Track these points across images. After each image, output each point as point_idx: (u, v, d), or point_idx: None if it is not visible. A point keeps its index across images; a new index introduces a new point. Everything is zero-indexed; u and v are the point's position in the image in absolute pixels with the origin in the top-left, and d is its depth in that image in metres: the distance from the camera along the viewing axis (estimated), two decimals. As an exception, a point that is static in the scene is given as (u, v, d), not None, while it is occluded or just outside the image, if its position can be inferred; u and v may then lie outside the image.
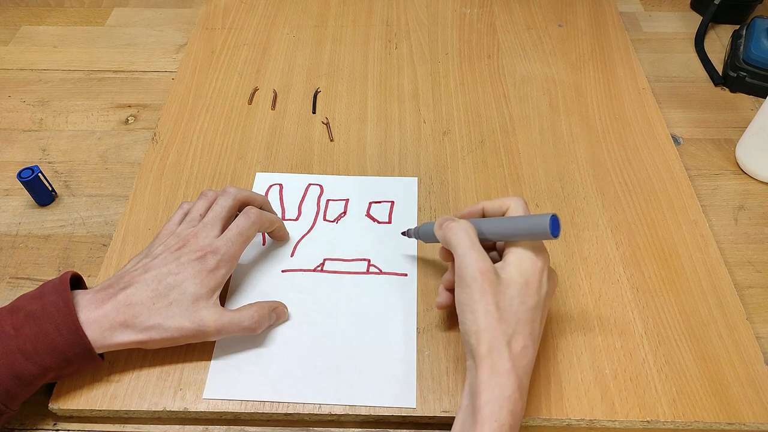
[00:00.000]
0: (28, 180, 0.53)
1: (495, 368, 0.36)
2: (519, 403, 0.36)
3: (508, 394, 0.36)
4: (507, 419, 0.35)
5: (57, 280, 0.41)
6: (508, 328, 0.37)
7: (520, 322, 0.38)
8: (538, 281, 0.39)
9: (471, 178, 0.57)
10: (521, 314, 0.38)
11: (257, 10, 0.77)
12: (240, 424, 0.43)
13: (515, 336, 0.37)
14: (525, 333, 0.38)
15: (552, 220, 0.37)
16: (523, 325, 0.38)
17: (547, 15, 0.76)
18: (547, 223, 0.37)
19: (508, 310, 0.38)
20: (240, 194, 0.47)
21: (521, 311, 0.38)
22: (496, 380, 0.36)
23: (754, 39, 0.66)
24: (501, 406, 0.35)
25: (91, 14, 0.78)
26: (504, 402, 0.35)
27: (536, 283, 0.39)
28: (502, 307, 0.38)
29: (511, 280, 0.38)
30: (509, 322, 0.37)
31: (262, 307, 0.44)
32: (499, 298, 0.38)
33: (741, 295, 0.49)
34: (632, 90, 0.66)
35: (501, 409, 0.35)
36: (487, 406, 0.35)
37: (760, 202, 0.57)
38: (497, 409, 0.35)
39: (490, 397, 0.35)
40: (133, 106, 0.66)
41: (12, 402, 0.38)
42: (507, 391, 0.36)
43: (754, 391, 0.43)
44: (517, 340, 0.37)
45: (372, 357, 0.44)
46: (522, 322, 0.38)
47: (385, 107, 0.64)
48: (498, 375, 0.36)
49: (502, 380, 0.36)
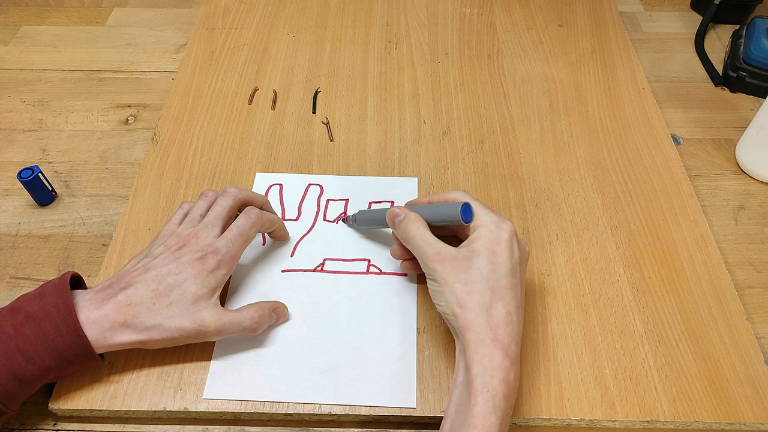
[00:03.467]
0: (28, 180, 0.53)
1: (478, 339, 0.37)
2: (511, 371, 0.36)
3: (497, 363, 0.36)
4: (500, 387, 0.36)
5: (57, 280, 0.41)
6: (482, 299, 0.38)
7: (496, 290, 0.38)
8: (506, 249, 0.40)
9: (471, 178, 0.57)
10: (494, 282, 0.39)
11: (257, 10, 0.77)
12: (240, 424, 0.43)
13: (494, 305, 0.38)
14: (505, 299, 0.38)
15: (463, 209, 0.42)
16: (501, 293, 0.39)
17: (547, 15, 0.76)
18: (458, 211, 0.41)
19: (478, 281, 0.39)
20: (240, 194, 0.47)
21: (493, 279, 0.39)
22: (483, 351, 0.37)
23: (754, 39, 0.66)
24: (492, 376, 0.36)
25: (91, 14, 0.78)
26: (494, 372, 0.36)
27: (505, 251, 0.40)
28: (470, 281, 0.39)
29: (475, 253, 0.40)
30: (483, 293, 0.38)
31: (263, 308, 0.44)
32: (465, 275, 0.39)
33: (741, 295, 0.49)
34: (632, 90, 0.66)
35: (492, 378, 0.36)
36: (478, 378, 0.36)
37: (760, 202, 0.57)
38: (488, 379, 0.36)
39: (479, 369, 0.36)
40: (133, 106, 0.66)
41: (12, 402, 0.38)
42: (495, 360, 0.36)
43: (754, 391, 0.43)
44: (496, 309, 0.38)
45: (372, 357, 0.44)
46: (498, 290, 0.39)
47: (385, 107, 0.64)
48: (483, 346, 0.37)
49: (488, 350, 0.37)
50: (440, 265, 0.40)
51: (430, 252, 0.41)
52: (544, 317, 0.47)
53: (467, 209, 0.42)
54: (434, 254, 0.41)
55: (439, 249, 0.41)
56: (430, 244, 0.41)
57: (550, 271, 0.50)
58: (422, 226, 0.43)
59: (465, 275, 0.39)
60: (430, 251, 0.41)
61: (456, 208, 0.42)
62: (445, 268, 0.40)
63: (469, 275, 0.39)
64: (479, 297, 0.38)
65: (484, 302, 0.38)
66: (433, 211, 0.44)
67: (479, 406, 0.35)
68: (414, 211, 0.44)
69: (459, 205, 0.42)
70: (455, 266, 0.39)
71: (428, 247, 0.41)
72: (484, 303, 0.38)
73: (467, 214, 0.42)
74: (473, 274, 0.39)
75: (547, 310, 0.47)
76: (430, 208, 0.45)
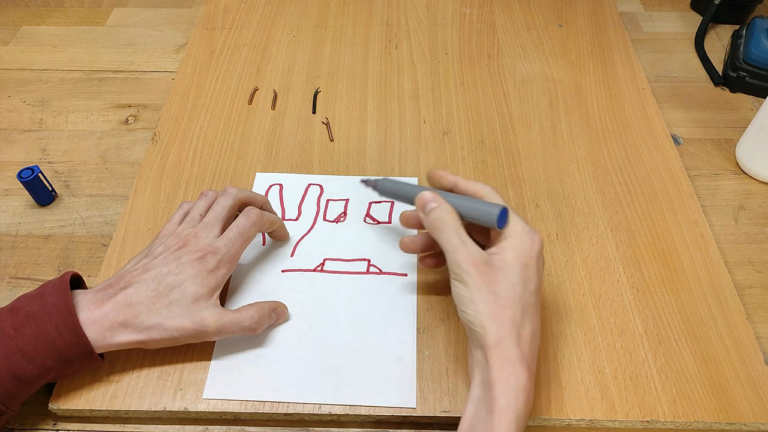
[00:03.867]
0: (28, 180, 0.53)
1: (506, 358, 0.36)
2: (532, 391, 0.36)
3: (522, 383, 0.35)
4: (523, 408, 0.35)
5: (57, 280, 0.41)
6: (515, 315, 0.37)
7: (527, 307, 0.37)
8: (537, 264, 0.39)
9: (471, 178, 0.56)
10: (526, 299, 0.37)
11: (257, 10, 0.77)
12: (240, 424, 0.43)
13: (524, 322, 0.37)
14: (532, 317, 0.38)
15: (501, 212, 0.39)
16: (530, 310, 0.37)
17: (547, 15, 0.76)
18: (496, 216, 0.39)
19: (511, 296, 0.37)
20: (240, 194, 0.47)
21: (525, 295, 0.37)
22: (510, 370, 0.35)
23: (754, 39, 0.66)
24: (517, 396, 0.35)
25: (91, 14, 0.78)
26: (520, 392, 0.35)
27: (536, 267, 0.39)
28: (503, 294, 0.37)
29: (509, 265, 0.38)
30: (515, 309, 0.37)
31: (262, 308, 0.44)
32: (499, 287, 0.37)
33: (741, 295, 0.49)
34: (632, 90, 0.66)
35: (517, 399, 0.35)
36: (503, 397, 0.35)
37: (760, 202, 0.57)
38: (513, 399, 0.35)
39: (505, 387, 0.35)
40: (133, 106, 0.66)
41: (12, 402, 0.38)
42: (522, 381, 0.35)
43: (754, 391, 0.43)
44: (525, 327, 0.37)
45: (372, 357, 0.44)
46: (528, 306, 0.37)
47: (385, 107, 0.64)
48: (511, 365, 0.35)
49: (516, 370, 0.35)
50: (475, 269, 0.37)
51: (465, 253, 0.38)
52: (543, 317, 0.47)
53: (504, 215, 0.40)
54: (470, 256, 0.38)
55: (474, 251, 0.38)
56: (467, 244, 0.39)
57: (550, 271, 0.50)
58: (458, 220, 0.40)
59: (498, 287, 0.37)
60: (465, 252, 0.38)
61: (494, 211, 0.39)
62: (479, 274, 0.37)
63: (503, 288, 0.37)
64: (511, 313, 0.37)
65: (516, 319, 0.37)
66: (467, 206, 0.41)
67: (503, 426, 0.34)
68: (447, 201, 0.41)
69: (498, 209, 0.39)
70: (488, 274, 0.37)
71: (464, 248, 0.38)
72: (515, 320, 0.36)
73: (503, 220, 0.40)
74: (507, 288, 0.37)
75: (547, 310, 0.47)
76: (464, 202, 0.41)
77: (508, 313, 0.37)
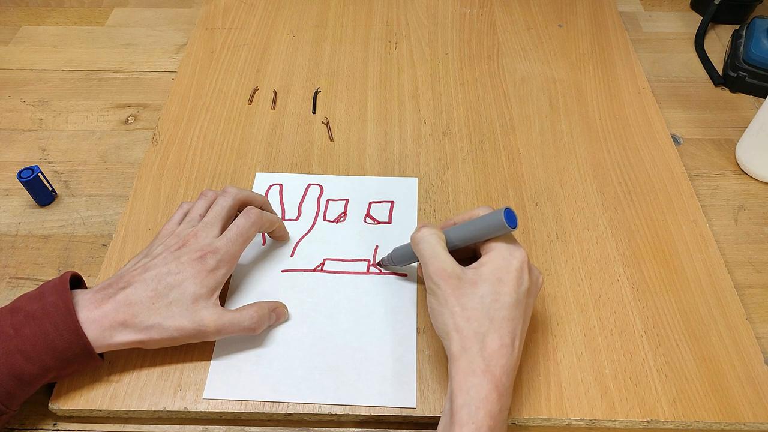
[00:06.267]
0: (28, 180, 0.53)
1: (469, 369, 0.36)
2: (497, 404, 0.35)
3: (483, 395, 0.35)
4: (485, 421, 0.34)
5: (57, 280, 0.41)
6: (480, 327, 0.37)
7: (495, 320, 0.37)
8: (514, 278, 0.38)
9: (471, 178, 0.57)
10: (495, 312, 0.37)
11: (257, 10, 0.77)
12: (240, 424, 0.43)
13: (489, 335, 0.37)
14: (503, 331, 0.37)
15: (506, 213, 0.39)
16: (500, 324, 0.37)
17: (547, 15, 0.76)
18: (502, 217, 0.38)
19: (478, 309, 0.37)
20: (240, 194, 0.47)
21: (495, 309, 0.37)
22: (471, 381, 0.35)
23: (754, 39, 0.66)
24: (477, 408, 0.35)
25: (91, 14, 0.78)
26: (480, 403, 0.35)
27: (513, 281, 0.38)
28: (470, 306, 0.37)
29: (482, 278, 0.38)
30: (480, 321, 0.37)
31: (262, 308, 0.44)
32: (466, 299, 0.38)
33: (741, 295, 0.49)
34: (632, 90, 0.66)
35: (478, 410, 0.35)
36: (464, 409, 0.35)
37: (760, 202, 0.57)
38: (474, 410, 0.35)
39: (466, 399, 0.35)
40: (133, 106, 0.66)
41: (12, 402, 0.38)
42: (483, 392, 0.35)
43: (754, 391, 0.43)
44: (492, 339, 0.37)
45: (372, 357, 0.44)
46: (498, 320, 0.37)
47: (385, 107, 0.64)
48: (473, 375, 0.36)
49: (477, 381, 0.35)
50: (444, 282, 0.38)
51: (436, 266, 0.39)
52: (543, 317, 0.47)
53: (511, 214, 0.39)
54: (440, 269, 0.39)
55: (445, 265, 0.39)
56: (439, 258, 0.39)
57: (549, 271, 0.50)
58: (438, 238, 0.41)
59: (466, 299, 0.38)
60: (436, 266, 0.39)
61: (498, 214, 0.39)
62: (448, 287, 0.38)
63: (470, 300, 0.38)
64: (477, 325, 0.37)
65: (481, 331, 0.37)
66: (473, 227, 0.41)
67: None
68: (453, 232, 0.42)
69: (501, 211, 0.39)
70: (459, 288, 0.38)
71: (436, 261, 0.39)
72: (479, 332, 0.37)
73: (512, 220, 0.39)
74: (474, 300, 0.37)
75: (547, 310, 0.47)
76: (468, 225, 0.41)
77: (473, 325, 0.37)
